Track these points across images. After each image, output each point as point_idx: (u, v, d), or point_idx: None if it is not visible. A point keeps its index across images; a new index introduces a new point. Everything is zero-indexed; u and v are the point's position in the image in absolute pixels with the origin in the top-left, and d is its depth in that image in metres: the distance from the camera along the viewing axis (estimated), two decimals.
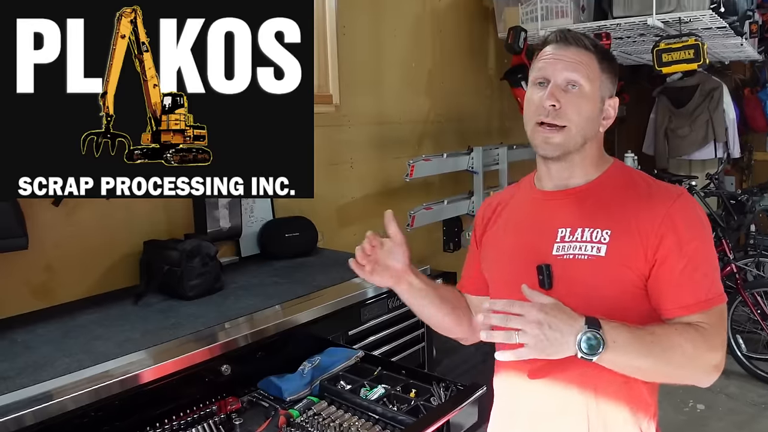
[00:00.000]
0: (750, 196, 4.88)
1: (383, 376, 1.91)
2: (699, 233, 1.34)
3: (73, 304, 2.19)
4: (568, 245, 1.37)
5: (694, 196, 4.51)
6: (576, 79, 1.35)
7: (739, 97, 5.93)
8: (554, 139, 1.36)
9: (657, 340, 1.22)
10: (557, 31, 1.42)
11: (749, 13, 4.15)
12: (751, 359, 4.32)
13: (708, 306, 1.29)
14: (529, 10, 3.97)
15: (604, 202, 1.39)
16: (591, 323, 1.18)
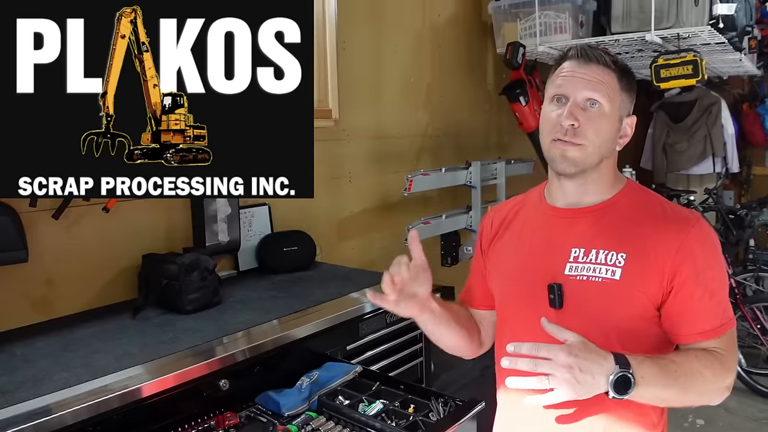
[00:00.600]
0: (749, 211, 4.88)
1: (382, 391, 1.90)
2: (715, 261, 1.35)
3: (72, 317, 2.19)
4: (581, 266, 1.37)
5: None
6: (596, 98, 1.34)
7: (737, 112, 5.94)
8: (571, 153, 1.35)
9: (680, 370, 1.24)
10: (578, 47, 1.40)
11: (748, 29, 4.17)
12: (750, 374, 4.32)
13: (723, 331, 1.31)
14: (527, 26, 3.99)
15: (619, 223, 1.38)
16: (621, 362, 1.17)
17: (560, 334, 1.22)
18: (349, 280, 2.61)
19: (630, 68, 1.43)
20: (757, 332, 4.26)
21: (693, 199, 4.63)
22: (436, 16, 4.03)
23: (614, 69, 1.36)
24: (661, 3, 3.55)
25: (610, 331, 1.32)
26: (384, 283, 1.37)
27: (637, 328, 1.34)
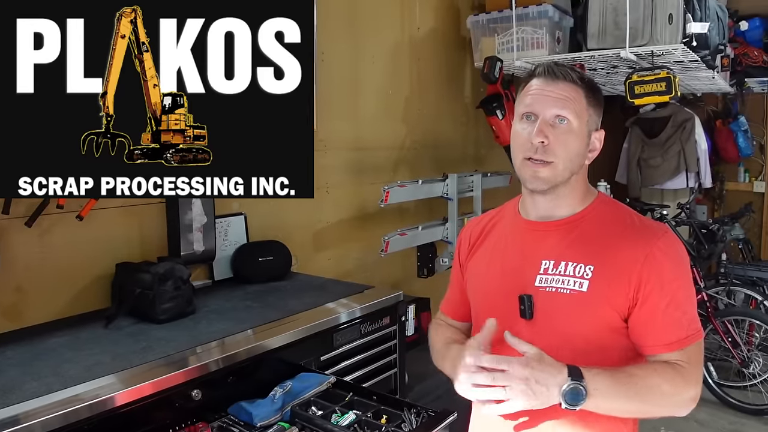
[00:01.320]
0: (721, 226, 4.96)
1: (355, 401, 1.90)
2: (681, 273, 1.37)
3: (43, 326, 2.16)
4: (551, 278, 1.39)
5: None
6: (564, 114, 1.36)
7: (711, 128, 6.05)
8: (542, 173, 1.37)
9: (637, 382, 1.26)
10: (545, 65, 1.42)
11: (721, 48, 4.26)
12: (722, 386, 4.36)
13: (688, 343, 1.32)
14: (505, 41, 4.03)
15: (588, 236, 1.40)
16: (574, 374, 1.21)
17: (520, 347, 1.27)
18: (324, 291, 2.61)
19: (596, 84, 1.46)
20: (728, 345, 4.31)
21: (666, 213, 4.68)
22: (415, 29, 4.06)
23: (581, 85, 1.39)
24: (635, 21, 3.61)
25: (577, 342, 1.34)
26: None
27: (605, 339, 1.36)
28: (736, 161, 6.26)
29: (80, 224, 2.25)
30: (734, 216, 5.29)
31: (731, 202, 6.34)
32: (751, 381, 4.30)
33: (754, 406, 4.20)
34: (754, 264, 5.18)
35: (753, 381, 4.29)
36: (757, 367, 4.29)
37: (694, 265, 4.49)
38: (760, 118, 6.28)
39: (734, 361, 4.35)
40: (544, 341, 1.33)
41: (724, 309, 4.57)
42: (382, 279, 3.74)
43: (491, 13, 4.12)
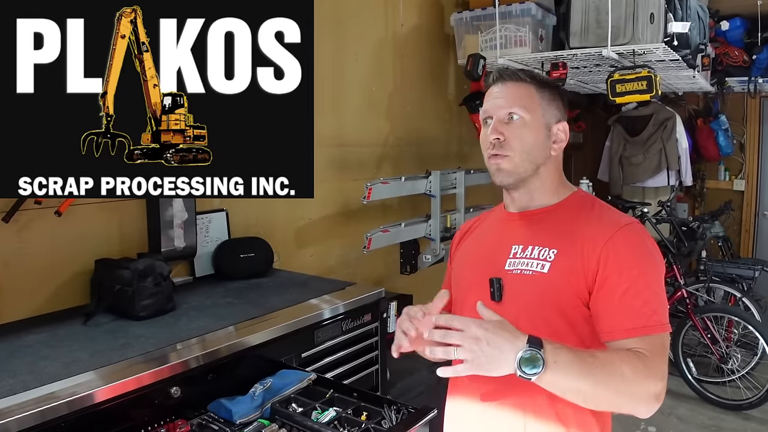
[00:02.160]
0: (701, 223, 5.01)
1: (335, 398, 1.90)
2: (641, 261, 1.38)
3: (20, 323, 2.14)
4: (518, 261, 1.45)
5: (646, 223, 4.61)
6: (514, 111, 1.45)
7: (692, 127, 6.10)
8: (503, 164, 1.46)
9: (598, 363, 1.24)
10: (495, 72, 1.53)
11: (701, 47, 4.29)
12: (701, 382, 4.41)
13: (647, 332, 1.31)
14: (488, 38, 4.04)
15: (557, 224, 1.46)
16: (533, 342, 1.20)
17: (487, 315, 1.27)
18: (306, 287, 2.60)
19: (551, 80, 1.58)
20: (708, 342, 4.36)
21: (647, 210, 4.72)
22: (398, 26, 4.05)
23: (531, 82, 1.48)
24: (617, 19, 3.62)
25: (539, 323, 1.37)
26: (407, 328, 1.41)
27: (567, 321, 1.39)
28: (717, 160, 6.32)
29: (59, 220, 2.23)
30: (714, 214, 5.35)
31: (712, 200, 6.40)
32: (729, 377, 4.35)
33: (733, 401, 4.25)
34: (733, 261, 5.25)
35: (732, 377, 4.34)
36: (736, 363, 4.34)
37: (674, 262, 4.54)
38: (741, 117, 6.33)
39: (713, 358, 4.40)
40: (511, 322, 1.32)
41: (704, 306, 4.62)
42: (365, 276, 3.74)
43: (475, 11, 4.13)
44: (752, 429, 4.01)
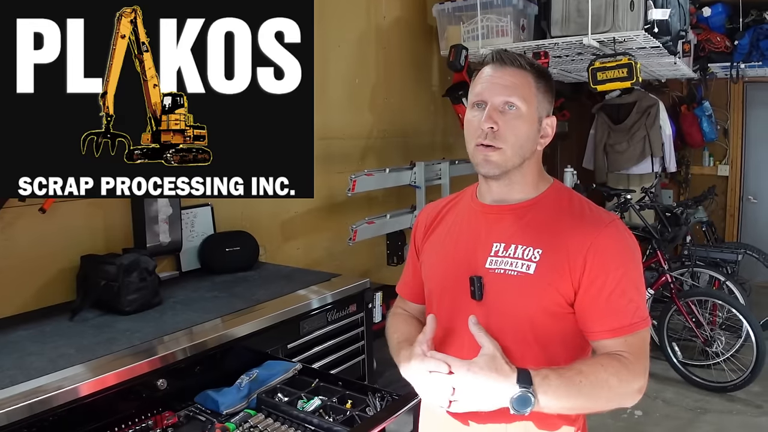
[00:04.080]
0: (684, 209, 5.04)
1: (320, 388, 1.93)
2: (626, 260, 1.38)
3: (6, 320, 2.16)
4: (500, 260, 1.41)
5: (630, 210, 4.65)
6: (513, 101, 1.38)
7: (676, 113, 6.14)
8: (492, 157, 1.39)
9: (585, 380, 1.27)
10: (494, 52, 1.44)
11: (682, 33, 4.32)
12: (686, 366, 4.45)
13: (632, 330, 1.34)
14: (470, 29, 4.06)
15: (539, 221, 1.42)
16: (523, 380, 1.23)
17: (480, 338, 1.31)
18: (291, 280, 2.62)
19: (547, 71, 1.47)
20: (692, 325, 4.40)
21: (630, 197, 4.75)
22: (381, 18, 4.07)
23: (530, 71, 1.41)
24: (598, 8, 3.65)
25: (523, 324, 1.37)
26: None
27: (550, 322, 1.38)
28: (701, 146, 6.37)
29: (43, 217, 2.25)
30: (697, 199, 5.39)
31: (696, 185, 6.45)
32: (714, 359, 4.39)
33: (718, 383, 4.30)
34: (717, 246, 5.29)
35: (716, 359, 4.38)
36: (720, 346, 4.38)
37: (659, 247, 4.58)
38: (724, 102, 6.38)
39: (698, 341, 4.44)
40: (493, 322, 1.37)
41: (688, 290, 4.66)
42: (351, 267, 3.77)
43: (457, 2, 4.16)
44: (737, 410, 4.06)
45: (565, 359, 1.37)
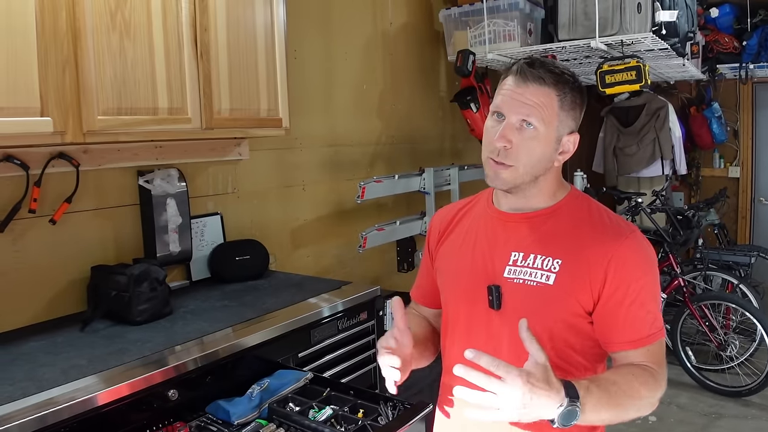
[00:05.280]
0: (696, 212, 5.02)
1: (332, 397, 1.91)
2: (646, 272, 1.37)
3: (18, 331, 2.16)
4: (519, 269, 1.40)
5: (641, 213, 4.63)
6: (532, 120, 1.34)
7: (685, 115, 6.11)
8: (502, 174, 1.38)
9: (619, 390, 1.26)
10: (520, 64, 1.38)
11: (690, 35, 4.30)
12: (700, 370, 4.43)
13: (651, 341, 1.34)
14: (477, 34, 4.06)
15: (558, 230, 1.41)
16: (570, 395, 1.16)
17: (531, 346, 1.19)
18: (301, 288, 2.62)
19: (578, 83, 1.40)
20: (706, 329, 4.37)
21: (641, 201, 4.73)
22: (387, 24, 4.07)
23: (554, 88, 1.35)
24: (605, 11, 3.65)
25: (541, 334, 1.34)
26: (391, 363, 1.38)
27: (569, 333, 1.38)
28: (711, 147, 6.33)
29: (53, 228, 2.25)
30: (709, 201, 5.36)
31: (707, 187, 6.41)
32: (728, 364, 4.36)
33: (732, 388, 4.27)
34: (729, 249, 5.25)
35: (730, 363, 4.36)
36: (734, 350, 4.35)
37: (671, 251, 4.55)
38: (734, 103, 6.34)
39: (712, 345, 4.41)
40: (512, 331, 1.35)
41: (701, 294, 4.64)
42: (361, 275, 3.76)
43: (463, 7, 4.15)
44: (752, 415, 4.03)
45: (582, 370, 1.37)
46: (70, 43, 1.87)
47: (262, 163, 3.13)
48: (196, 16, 2.22)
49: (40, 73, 1.80)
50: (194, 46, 2.22)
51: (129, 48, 2.03)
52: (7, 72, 1.73)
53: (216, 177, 2.92)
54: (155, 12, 2.10)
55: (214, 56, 2.30)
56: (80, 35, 1.89)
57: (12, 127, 1.76)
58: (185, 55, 2.20)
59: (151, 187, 2.53)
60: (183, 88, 2.20)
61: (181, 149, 2.63)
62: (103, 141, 2.08)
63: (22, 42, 1.76)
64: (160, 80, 2.12)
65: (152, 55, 2.10)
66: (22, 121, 1.78)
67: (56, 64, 1.84)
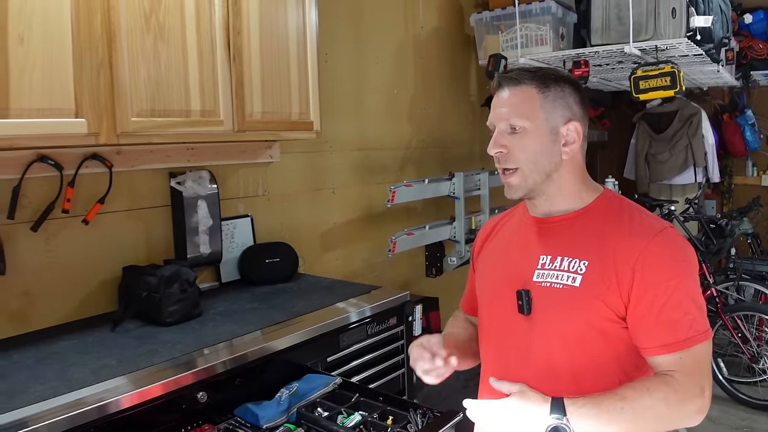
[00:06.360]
0: (729, 220, 4.92)
1: (361, 402, 1.90)
2: (679, 270, 1.31)
3: (50, 330, 2.18)
4: (547, 273, 1.38)
5: (674, 221, 4.56)
6: (514, 122, 1.37)
7: (718, 122, 6.01)
8: (511, 180, 1.41)
9: (627, 407, 1.23)
10: (497, 77, 1.44)
11: (725, 41, 4.23)
12: (732, 383, 4.33)
13: (688, 345, 1.27)
14: (509, 38, 4.02)
15: (586, 231, 1.38)
16: (556, 410, 1.24)
17: (501, 387, 1.36)
18: (330, 292, 2.61)
19: (559, 76, 1.42)
20: (738, 341, 4.28)
21: (674, 208, 4.65)
22: (419, 28, 4.06)
23: (531, 83, 1.39)
24: (639, 15, 3.59)
25: (571, 340, 1.33)
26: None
27: (601, 339, 1.33)
28: (744, 155, 6.21)
29: (86, 228, 2.27)
30: (742, 210, 5.25)
31: (740, 196, 6.29)
32: (761, 376, 4.26)
33: (765, 401, 4.17)
34: (763, 258, 5.13)
35: (763, 376, 4.26)
36: (767, 363, 4.26)
37: (703, 260, 4.47)
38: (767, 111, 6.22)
39: (744, 357, 4.32)
40: (541, 337, 1.35)
41: (734, 304, 4.54)
42: (390, 279, 3.75)
43: (495, 11, 4.12)
44: None
45: (621, 380, 1.33)
46: (104, 45, 1.89)
47: (293, 166, 3.14)
48: (229, 20, 2.23)
49: (75, 75, 1.82)
50: (227, 49, 2.23)
51: (163, 50, 2.04)
52: (42, 74, 1.74)
53: (247, 179, 2.92)
54: (189, 15, 2.11)
55: (246, 59, 2.30)
56: (115, 38, 1.90)
57: (47, 128, 1.78)
58: (218, 57, 2.21)
59: (183, 188, 2.54)
60: (215, 91, 2.20)
61: (212, 151, 2.64)
62: (136, 142, 2.09)
63: (57, 45, 1.78)
64: (192, 83, 2.13)
65: (185, 58, 2.11)
66: (57, 122, 1.80)
67: (91, 67, 1.85)
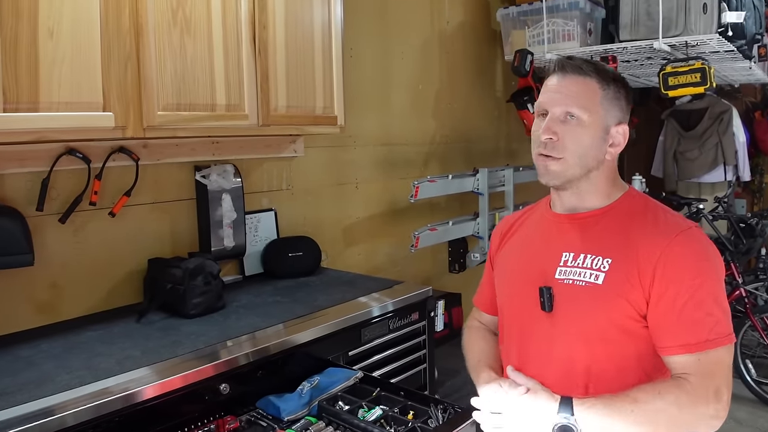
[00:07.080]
0: (760, 220, 4.83)
1: (382, 397, 1.91)
2: (703, 269, 1.30)
3: (77, 320, 2.21)
4: (569, 270, 1.38)
5: (702, 220, 4.49)
6: (573, 111, 1.35)
7: (749, 120, 5.91)
8: (552, 166, 1.37)
9: (637, 409, 1.22)
10: (557, 61, 1.41)
11: (758, 37, 4.15)
12: (761, 384, 4.26)
13: (707, 347, 1.25)
14: (535, 33, 3.99)
15: (611, 229, 1.38)
16: (564, 409, 1.25)
17: (516, 379, 1.39)
18: (353, 286, 2.61)
19: (618, 76, 1.42)
20: (767, 342, 4.22)
21: (702, 207, 4.58)
22: (444, 23, 4.04)
23: (595, 77, 1.37)
24: (669, 11, 3.53)
25: (593, 338, 1.32)
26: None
27: (624, 338, 1.32)
28: None
29: (113, 221, 2.30)
30: None
31: None
32: None
33: None
34: None
35: None
36: None
37: (732, 260, 4.40)
38: None
39: None
40: (563, 334, 1.35)
41: (763, 305, 4.46)
42: (413, 274, 3.75)
43: (521, 6, 4.09)
44: None
45: (641, 379, 1.31)
46: (132, 39, 1.91)
47: (317, 160, 3.15)
48: (255, 14, 2.24)
49: (103, 69, 1.84)
50: (252, 43, 2.24)
51: (189, 45, 2.05)
52: (71, 68, 1.77)
53: (271, 173, 2.94)
54: (215, 9, 2.12)
55: (271, 54, 2.31)
56: (142, 32, 1.92)
57: (75, 121, 1.80)
58: (243, 52, 2.22)
59: (207, 182, 2.56)
60: (241, 85, 2.22)
61: (237, 145, 2.66)
62: (162, 136, 2.11)
63: (86, 39, 1.80)
64: (218, 77, 2.14)
65: (211, 52, 2.12)
66: (85, 115, 1.82)
67: (119, 61, 1.87)
